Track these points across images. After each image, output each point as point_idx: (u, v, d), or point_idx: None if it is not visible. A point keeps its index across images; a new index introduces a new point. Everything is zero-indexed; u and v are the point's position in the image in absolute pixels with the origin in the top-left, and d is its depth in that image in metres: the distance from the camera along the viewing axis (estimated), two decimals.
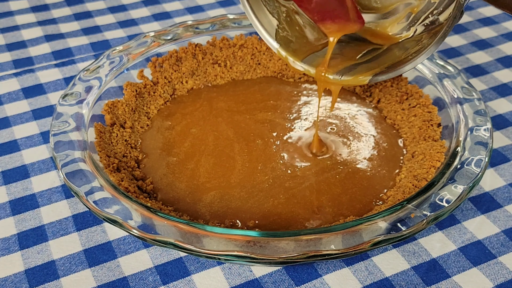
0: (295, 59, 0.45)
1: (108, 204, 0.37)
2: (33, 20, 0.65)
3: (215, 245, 0.34)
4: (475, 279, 0.38)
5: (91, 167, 0.39)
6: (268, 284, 0.38)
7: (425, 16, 0.42)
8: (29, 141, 0.49)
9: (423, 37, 0.42)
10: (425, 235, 0.40)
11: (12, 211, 0.43)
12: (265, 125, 0.48)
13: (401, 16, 0.44)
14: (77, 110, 0.44)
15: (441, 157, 0.42)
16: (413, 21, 0.43)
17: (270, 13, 0.46)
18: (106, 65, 0.49)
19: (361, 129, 0.48)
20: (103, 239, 0.40)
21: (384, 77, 0.42)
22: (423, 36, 0.42)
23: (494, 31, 0.63)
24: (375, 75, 0.42)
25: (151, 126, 0.48)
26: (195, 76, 0.53)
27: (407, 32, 0.44)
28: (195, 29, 0.53)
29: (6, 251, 0.40)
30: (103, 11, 0.67)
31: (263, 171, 0.44)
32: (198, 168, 0.44)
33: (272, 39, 0.46)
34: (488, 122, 0.43)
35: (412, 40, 0.43)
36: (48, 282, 0.38)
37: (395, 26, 0.45)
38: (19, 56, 0.59)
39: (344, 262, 0.39)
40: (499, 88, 0.55)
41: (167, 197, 0.42)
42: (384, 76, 0.42)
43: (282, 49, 0.46)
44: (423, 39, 0.42)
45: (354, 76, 0.43)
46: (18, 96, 0.53)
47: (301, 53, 0.46)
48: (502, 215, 0.42)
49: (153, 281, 0.38)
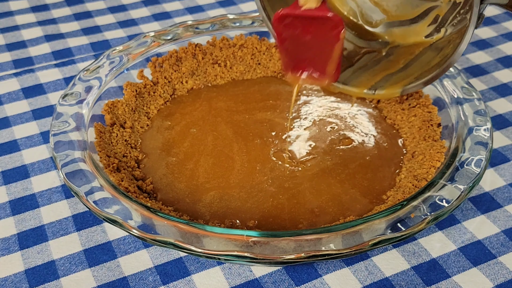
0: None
1: (108, 204, 0.37)
2: (33, 20, 0.65)
3: (215, 245, 0.34)
4: (475, 279, 0.38)
5: (91, 167, 0.39)
6: (268, 284, 0.38)
7: (453, 16, 0.42)
8: (29, 141, 0.49)
9: (454, 37, 0.41)
10: (425, 235, 0.40)
11: (12, 211, 0.43)
12: (264, 124, 0.48)
13: (430, 19, 0.44)
14: (77, 110, 0.44)
15: (441, 157, 0.42)
16: (442, 22, 0.43)
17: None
18: (106, 65, 0.49)
19: (361, 129, 0.48)
20: (103, 239, 0.40)
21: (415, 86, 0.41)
22: (454, 36, 0.42)
23: (494, 31, 0.63)
24: (406, 85, 0.42)
25: (151, 126, 0.48)
26: (195, 76, 0.53)
27: (438, 33, 0.43)
28: (195, 29, 0.53)
29: (6, 251, 0.40)
30: (103, 11, 0.67)
31: (262, 171, 0.44)
32: (198, 168, 0.44)
33: None
34: (488, 122, 0.43)
35: (444, 41, 0.43)
36: (48, 282, 0.38)
37: (425, 28, 0.44)
38: (19, 56, 0.59)
39: (344, 262, 0.39)
40: (499, 88, 0.55)
41: (167, 197, 0.42)
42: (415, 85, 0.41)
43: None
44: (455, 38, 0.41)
45: (387, 90, 0.43)
46: (18, 96, 0.53)
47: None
48: (502, 215, 0.42)
49: (153, 281, 0.38)
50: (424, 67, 0.42)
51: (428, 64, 0.42)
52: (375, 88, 0.43)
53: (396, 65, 0.44)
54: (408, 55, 0.44)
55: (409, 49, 0.45)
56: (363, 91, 0.44)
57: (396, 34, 0.46)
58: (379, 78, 0.44)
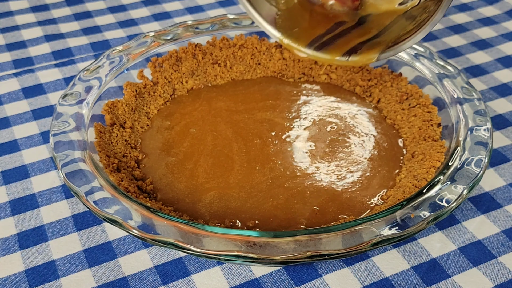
0: (299, 45, 0.44)
1: (108, 204, 0.37)
2: (33, 20, 0.65)
3: (215, 245, 0.34)
4: (475, 279, 0.38)
5: (91, 167, 0.39)
6: (268, 284, 0.38)
7: None
8: (29, 141, 0.49)
9: (429, 4, 0.40)
10: (425, 235, 0.40)
11: (12, 211, 0.43)
12: (263, 124, 0.48)
13: None
14: (77, 110, 0.44)
15: (441, 157, 0.42)
16: None
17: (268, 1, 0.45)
18: (106, 65, 0.49)
19: (361, 129, 0.48)
20: (103, 239, 0.40)
21: (391, 52, 0.41)
22: (429, 3, 0.40)
23: (494, 31, 0.63)
24: (382, 51, 0.41)
25: (151, 126, 0.48)
26: (195, 76, 0.53)
27: (412, 0, 0.42)
28: (195, 29, 0.53)
29: (6, 251, 0.40)
30: (103, 11, 0.67)
31: (261, 172, 0.44)
32: (197, 168, 0.44)
33: (273, 28, 0.45)
34: (488, 122, 0.43)
35: (419, 8, 0.41)
36: (48, 282, 0.38)
37: None
38: (19, 56, 0.59)
39: (344, 262, 0.39)
40: (499, 88, 0.55)
41: (166, 197, 0.42)
42: (391, 51, 0.41)
43: (284, 37, 0.44)
44: (430, 5, 0.40)
45: (361, 56, 0.42)
46: (18, 96, 0.53)
47: (304, 39, 0.44)
48: (502, 215, 0.42)
49: (153, 281, 0.38)
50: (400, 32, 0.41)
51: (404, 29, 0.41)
52: (349, 54, 0.43)
53: (368, 33, 0.43)
54: (381, 23, 0.43)
55: (381, 17, 0.44)
56: (335, 58, 0.43)
57: (368, 1, 0.45)
58: (352, 45, 0.43)
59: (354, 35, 0.43)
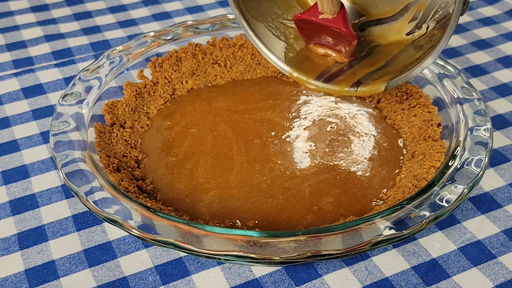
0: (308, 78, 0.45)
1: (108, 204, 0.37)
2: (33, 20, 0.65)
3: (215, 245, 0.34)
4: (475, 279, 0.38)
5: (91, 167, 0.39)
6: (268, 284, 0.38)
7: (435, 11, 0.42)
8: (29, 141, 0.49)
9: (436, 32, 0.41)
10: (425, 235, 0.40)
11: (12, 211, 0.43)
12: (263, 124, 0.48)
13: (410, 15, 0.43)
14: (77, 110, 0.44)
15: (441, 157, 0.42)
16: (424, 18, 0.43)
17: (277, 36, 0.46)
18: (106, 65, 0.49)
19: (361, 129, 0.48)
20: (103, 239, 0.40)
21: (399, 81, 0.41)
22: (435, 32, 0.41)
23: (494, 31, 0.63)
24: (389, 80, 0.42)
25: (151, 126, 0.48)
26: (195, 76, 0.53)
27: (420, 30, 0.43)
28: (195, 29, 0.53)
29: (6, 251, 0.40)
30: (103, 11, 0.67)
31: (261, 172, 0.44)
32: (197, 168, 0.44)
33: (282, 62, 0.46)
34: (488, 122, 0.43)
35: (426, 37, 0.42)
36: (48, 282, 0.38)
37: (406, 26, 0.44)
38: (19, 56, 0.59)
39: (344, 262, 0.39)
40: (499, 88, 0.55)
41: (166, 197, 0.42)
42: (399, 79, 0.41)
43: (293, 71, 0.46)
44: (436, 34, 0.41)
45: (370, 86, 0.43)
46: (18, 96, 0.53)
47: (313, 72, 0.46)
48: (502, 215, 0.42)
49: (153, 281, 0.38)
50: (406, 62, 0.42)
51: (411, 59, 0.42)
52: (357, 85, 0.43)
53: (377, 63, 0.44)
54: (389, 53, 0.44)
55: (389, 48, 0.44)
56: (344, 89, 0.44)
57: (376, 33, 0.45)
58: (361, 76, 0.44)
59: (362, 66, 0.44)
